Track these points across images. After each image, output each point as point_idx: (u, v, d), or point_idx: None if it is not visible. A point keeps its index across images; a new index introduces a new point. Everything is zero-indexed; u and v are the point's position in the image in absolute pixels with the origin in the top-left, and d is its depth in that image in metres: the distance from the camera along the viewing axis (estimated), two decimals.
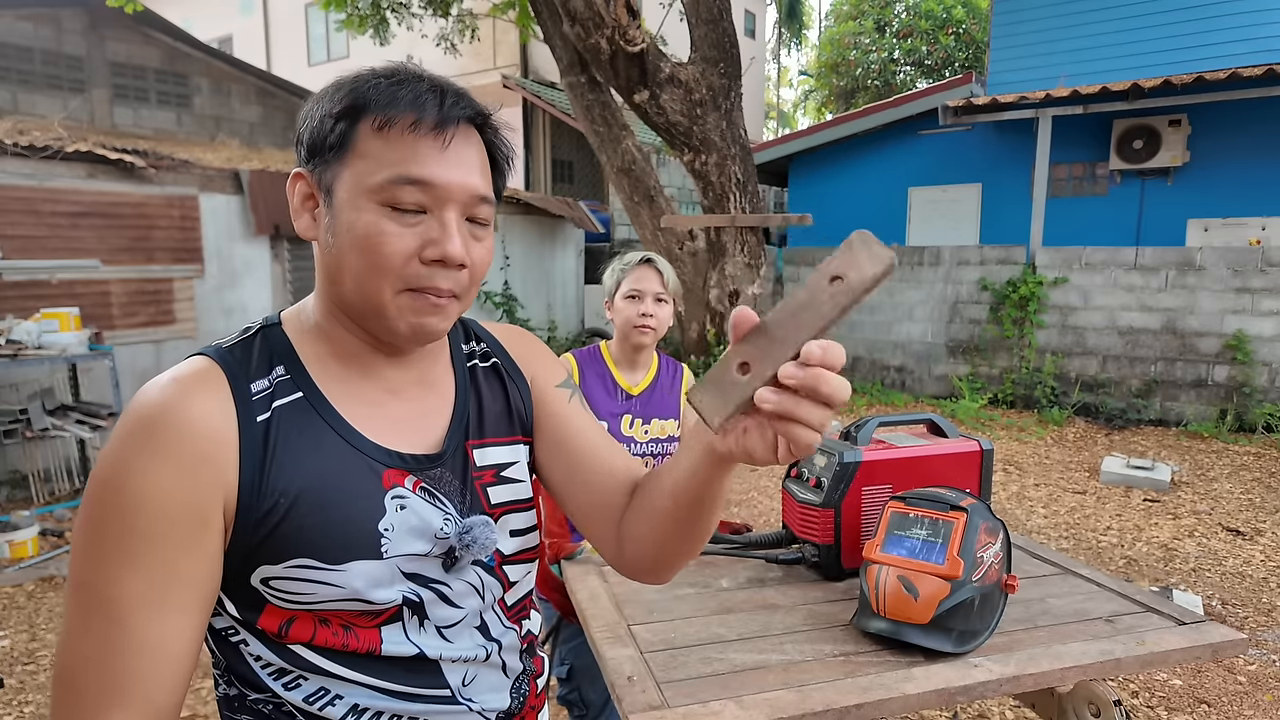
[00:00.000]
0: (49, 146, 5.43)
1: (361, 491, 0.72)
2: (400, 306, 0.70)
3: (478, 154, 0.73)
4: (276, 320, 0.78)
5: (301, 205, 0.74)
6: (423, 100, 0.69)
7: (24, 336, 4.43)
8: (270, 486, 0.67)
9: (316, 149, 0.71)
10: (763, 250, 7.25)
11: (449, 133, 0.70)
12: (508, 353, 0.90)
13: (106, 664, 0.62)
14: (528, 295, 9.12)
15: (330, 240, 0.71)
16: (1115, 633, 1.31)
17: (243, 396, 0.69)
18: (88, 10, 8.59)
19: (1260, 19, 8.12)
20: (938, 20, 17.95)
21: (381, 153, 0.68)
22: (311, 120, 0.72)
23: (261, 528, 0.67)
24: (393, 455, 0.75)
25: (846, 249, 0.50)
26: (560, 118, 12.43)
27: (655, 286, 1.93)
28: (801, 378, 0.50)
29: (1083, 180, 8.75)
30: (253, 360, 0.72)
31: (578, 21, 6.20)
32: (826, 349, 0.50)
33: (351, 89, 0.70)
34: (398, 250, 0.68)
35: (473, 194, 0.71)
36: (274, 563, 0.68)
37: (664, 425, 1.98)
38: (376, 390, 0.77)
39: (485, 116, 0.74)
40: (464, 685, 0.79)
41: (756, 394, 0.51)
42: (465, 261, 0.71)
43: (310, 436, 0.71)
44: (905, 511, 1.32)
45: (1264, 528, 4.26)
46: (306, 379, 0.73)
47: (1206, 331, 6.54)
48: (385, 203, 0.68)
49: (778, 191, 13.89)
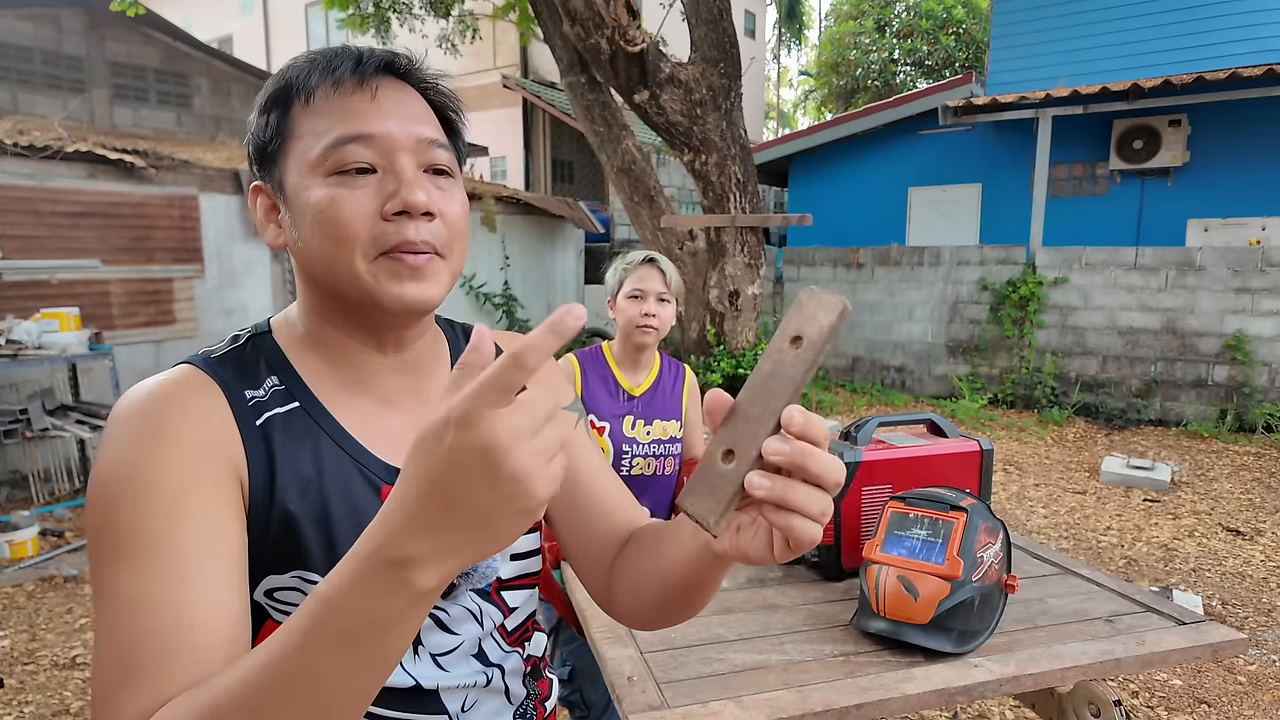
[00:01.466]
0: (49, 146, 5.43)
1: (362, 506, 0.68)
2: (377, 274, 0.66)
3: (416, 105, 0.69)
4: (266, 328, 0.74)
5: (265, 218, 0.71)
6: (336, 61, 0.67)
7: (24, 336, 4.43)
8: (277, 494, 0.65)
9: (261, 152, 0.69)
10: (763, 250, 7.24)
11: (372, 84, 0.67)
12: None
13: (164, 647, 0.55)
14: (528, 295, 9.12)
15: (295, 236, 0.68)
16: (1115, 633, 1.31)
17: (238, 403, 0.66)
18: (87, 10, 8.59)
19: (1260, 19, 8.12)
20: (938, 20, 17.95)
21: (314, 125, 0.66)
22: (250, 126, 0.70)
23: (268, 535, 0.64)
24: (392, 471, 0.70)
25: (797, 309, 0.50)
26: (560, 118, 12.43)
27: (658, 286, 1.92)
28: (788, 452, 0.47)
29: (1083, 180, 8.75)
30: (244, 370, 0.69)
31: (578, 21, 6.20)
32: (808, 417, 0.48)
33: (275, 79, 0.69)
34: (356, 213, 0.64)
35: (418, 138, 0.67)
36: (280, 572, 0.65)
37: (666, 426, 1.98)
38: (373, 400, 0.73)
39: (408, 64, 0.70)
40: (463, 711, 0.76)
41: (746, 479, 0.48)
42: (432, 209, 0.66)
43: (309, 447, 0.67)
44: (905, 511, 1.32)
45: (1264, 528, 4.26)
46: (303, 388, 0.70)
47: (1206, 331, 6.54)
48: (331, 171, 0.65)
49: (778, 191, 13.90)
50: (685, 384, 2.06)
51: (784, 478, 0.48)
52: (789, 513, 0.48)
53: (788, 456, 0.47)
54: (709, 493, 0.50)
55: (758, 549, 0.52)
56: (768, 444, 0.48)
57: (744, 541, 0.53)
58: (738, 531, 0.53)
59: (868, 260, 8.24)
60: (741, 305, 7.11)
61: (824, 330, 0.48)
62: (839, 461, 0.49)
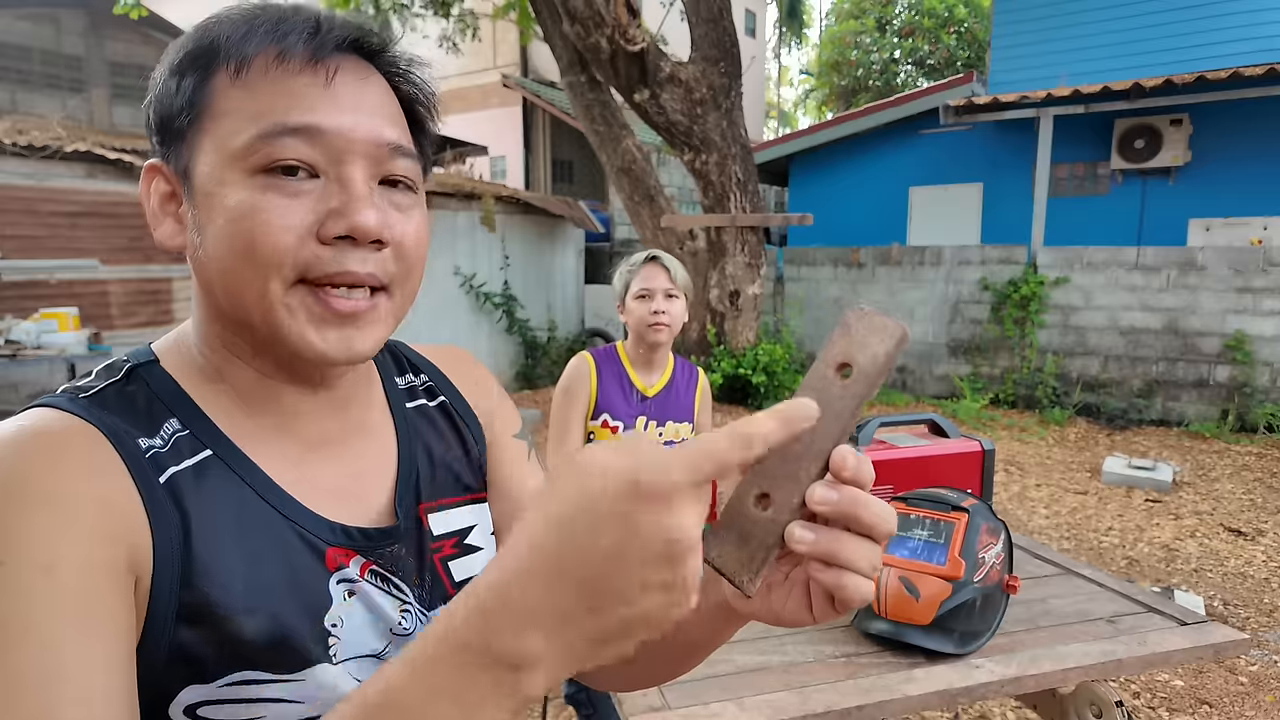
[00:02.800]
0: (48, 146, 5.42)
1: (303, 578, 0.53)
2: (293, 310, 0.51)
3: (381, 96, 0.54)
4: (150, 355, 0.56)
5: (161, 208, 0.54)
6: (286, 27, 0.51)
7: (23, 337, 4.43)
8: (195, 574, 0.49)
9: (165, 125, 0.53)
10: (763, 250, 7.24)
11: (330, 65, 0.52)
12: (454, 386, 0.71)
13: None
14: (528, 295, 9.12)
15: (198, 240, 0.52)
16: (1117, 633, 1.30)
17: (132, 455, 0.49)
18: (87, 10, 8.59)
19: (1261, 18, 8.12)
20: (939, 19, 17.96)
21: (244, 104, 0.50)
22: (155, 88, 0.53)
23: (182, 631, 0.48)
24: (335, 529, 0.56)
25: (844, 331, 0.43)
26: (560, 117, 12.43)
27: (664, 283, 1.92)
28: (837, 501, 0.40)
29: (1084, 180, 8.74)
30: (132, 411, 0.52)
31: (578, 21, 6.19)
32: (860, 461, 0.41)
33: (197, 32, 0.52)
34: (283, 227, 0.49)
35: (379, 141, 0.52)
36: (207, 680, 0.49)
37: (679, 429, 1.97)
38: (300, 444, 0.58)
39: (379, 44, 0.55)
40: None
41: (787, 532, 0.41)
42: (385, 236, 0.52)
43: (231, 506, 0.52)
44: (907, 512, 1.32)
45: (1265, 528, 4.25)
46: (214, 432, 0.54)
47: (1208, 331, 6.54)
48: (259, 168, 0.50)
49: (778, 191, 13.89)
50: (698, 387, 2.06)
51: (830, 529, 0.41)
52: (839, 570, 0.41)
53: (836, 506, 0.40)
54: (740, 544, 0.42)
55: (793, 609, 0.45)
56: (814, 491, 0.41)
57: (777, 601, 0.45)
58: (769, 589, 0.46)
59: (868, 260, 8.23)
60: (742, 305, 7.11)
61: (878, 360, 0.42)
62: (892, 510, 0.42)
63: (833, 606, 0.43)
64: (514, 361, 9.00)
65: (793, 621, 0.45)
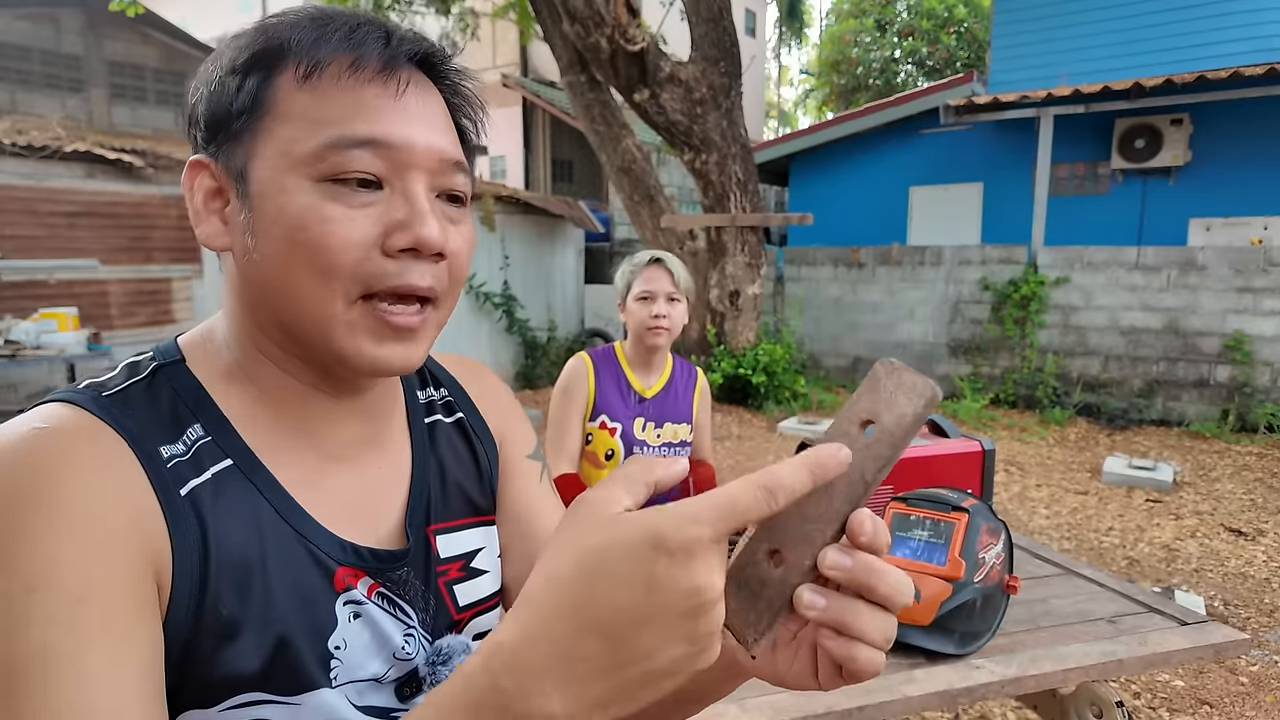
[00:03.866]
0: (47, 146, 5.42)
1: (311, 596, 0.53)
2: (355, 328, 0.51)
3: (441, 110, 0.55)
4: (177, 354, 0.55)
5: (205, 205, 0.53)
6: (361, 35, 0.51)
7: (23, 337, 4.43)
8: (209, 592, 0.48)
9: (219, 122, 0.52)
10: (763, 250, 7.25)
11: (400, 77, 0.52)
12: (473, 403, 0.71)
13: None
14: (527, 295, 9.11)
15: (251, 244, 0.51)
16: (1118, 633, 1.30)
17: (154, 464, 0.48)
18: (86, 10, 8.59)
19: (1261, 18, 8.11)
20: (939, 19, 17.95)
21: (312, 110, 0.50)
22: (208, 85, 0.53)
23: (191, 650, 0.47)
24: (347, 549, 0.55)
25: (871, 385, 0.41)
26: (560, 117, 12.43)
27: (667, 286, 1.91)
28: (850, 568, 0.38)
29: (1084, 179, 8.73)
30: (155, 415, 0.51)
31: (578, 20, 6.19)
32: (878, 525, 0.39)
33: (262, 33, 0.52)
34: (350, 240, 0.49)
35: (442, 158, 0.53)
36: (209, 703, 0.48)
37: (676, 429, 1.97)
38: (318, 455, 0.57)
39: (443, 58, 0.56)
40: None
41: (796, 596, 0.39)
42: (445, 249, 0.53)
43: (249, 521, 0.51)
44: (907, 513, 1.31)
45: (1266, 528, 4.25)
46: (234, 439, 0.53)
47: (1208, 331, 6.53)
48: (325, 177, 0.49)
49: (778, 191, 13.88)
50: (697, 387, 2.05)
51: (842, 595, 0.39)
52: (850, 640, 0.39)
53: (850, 574, 0.39)
54: (748, 601, 0.40)
55: (798, 673, 0.43)
56: (826, 555, 0.39)
57: (783, 662, 0.43)
58: (774, 648, 0.44)
59: (869, 260, 8.23)
60: (742, 305, 7.11)
61: (905, 422, 0.39)
62: (909, 580, 0.40)
63: (840, 676, 0.42)
64: (514, 361, 9.00)
65: (796, 685, 0.43)
